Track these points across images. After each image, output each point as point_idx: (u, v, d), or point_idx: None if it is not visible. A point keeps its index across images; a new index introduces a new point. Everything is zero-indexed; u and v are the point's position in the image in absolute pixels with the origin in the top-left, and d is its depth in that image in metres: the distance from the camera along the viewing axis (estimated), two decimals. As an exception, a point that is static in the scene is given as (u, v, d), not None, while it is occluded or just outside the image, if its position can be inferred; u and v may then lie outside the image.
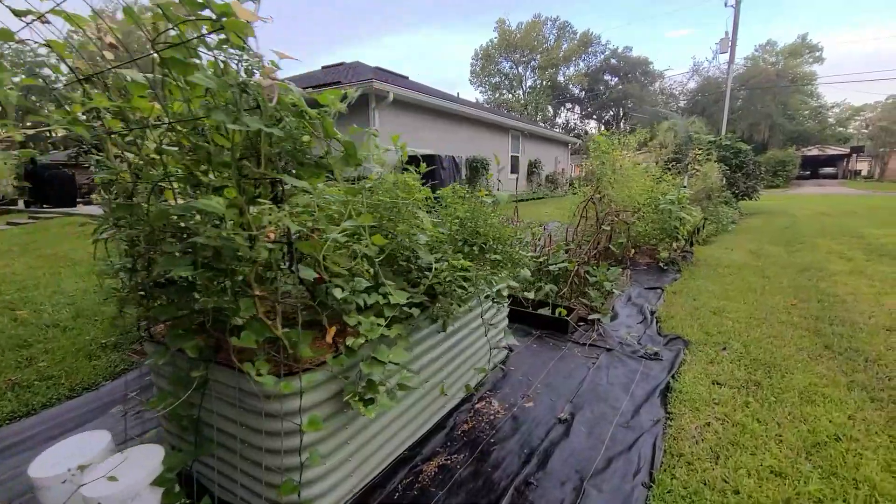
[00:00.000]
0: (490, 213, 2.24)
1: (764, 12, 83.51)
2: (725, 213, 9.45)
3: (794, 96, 43.82)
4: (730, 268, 5.61)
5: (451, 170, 9.94)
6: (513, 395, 2.56)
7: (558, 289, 3.85)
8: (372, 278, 1.66)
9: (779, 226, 9.92)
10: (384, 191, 1.88)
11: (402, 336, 1.67)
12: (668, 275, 5.31)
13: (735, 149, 12.69)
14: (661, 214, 5.91)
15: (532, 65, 56.70)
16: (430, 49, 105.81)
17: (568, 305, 3.70)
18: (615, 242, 4.54)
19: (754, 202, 13.52)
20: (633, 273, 5.31)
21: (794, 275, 5.27)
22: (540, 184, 17.89)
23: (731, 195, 12.09)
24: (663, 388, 2.59)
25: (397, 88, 9.68)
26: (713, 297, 4.38)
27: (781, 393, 2.53)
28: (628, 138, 6.87)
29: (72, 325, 3.59)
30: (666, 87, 54.99)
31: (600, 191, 5.90)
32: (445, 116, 12.55)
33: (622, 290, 4.57)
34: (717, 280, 5.02)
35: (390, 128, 10.33)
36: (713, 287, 4.71)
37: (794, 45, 45.29)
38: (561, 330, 3.43)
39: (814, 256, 6.30)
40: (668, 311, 3.95)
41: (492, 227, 2.18)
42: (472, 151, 13.39)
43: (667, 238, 5.93)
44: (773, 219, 11.43)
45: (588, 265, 4.23)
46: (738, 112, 43.80)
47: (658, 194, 6.13)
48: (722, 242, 7.65)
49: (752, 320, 3.72)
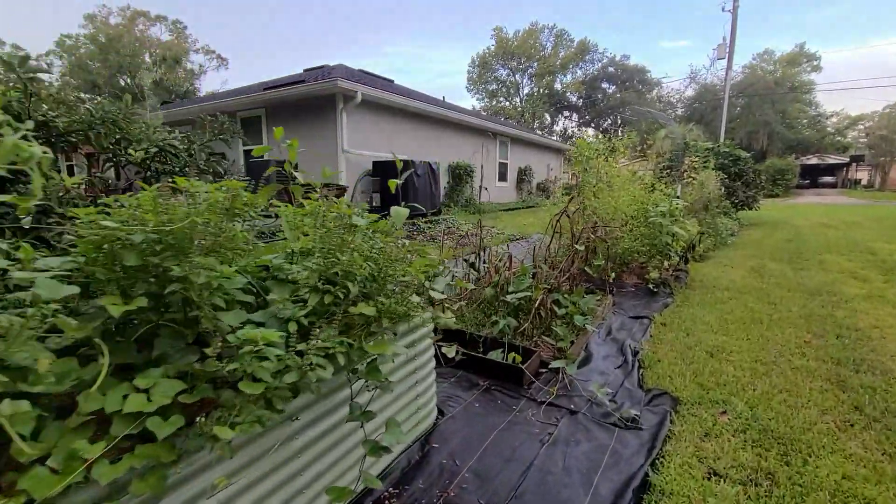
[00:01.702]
0: (369, 239, 1.48)
1: (759, 23, 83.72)
2: (724, 225, 8.75)
3: (792, 105, 43.44)
4: (729, 290, 4.88)
5: (426, 177, 9.21)
6: (426, 495, 1.81)
7: (518, 323, 3.11)
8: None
9: (781, 239, 9.21)
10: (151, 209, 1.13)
11: (154, 474, 0.93)
12: (658, 299, 4.58)
13: (734, 156, 12.03)
14: (651, 228, 5.19)
15: (529, 72, 56.44)
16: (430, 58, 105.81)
17: (528, 346, 2.96)
18: (593, 264, 3.81)
19: (754, 212, 12.84)
20: (617, 297, 4.58)
21: (803, 300, 4.54)
22: (531, 192, 17.17)
23: (730, 205, 11.41)
24: (639, 484, 1.84)
25: (366, 88, 8.99)
26: (710, 330, 3.64)
27: (804, 492, 1.79)
28: (615, 142, 6.19)
29: None
30: (663, 94, 54.69)
31: (582, 201, 5.21)
32: (429, 121, 11.86)
33: (601, 319, 3.84)
34: (714, 307, 4.29)
35: (362, 132, 9.60)
36: (710, 317, 3.98)
37: (791, 53, 44.99)
38: (515, 380, 2.69)
39: (824, 276, 5.57)
40: (654, 351, 3.22)
41: (360, 262, 1.39)
42: (457, 158, 12.69)
43: (657, 255, 5.21)
44: (774, 231, 10.73)
45: (559, 292, 3.50)
46: (736, 120, 43.39)
47: (649, 205, 5.42)
48: (720, 258, 6.93)
49: (759, 365, 2.99)
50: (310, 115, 9.49)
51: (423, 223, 8.45)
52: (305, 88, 8.87)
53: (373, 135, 9.88)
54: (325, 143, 9.20)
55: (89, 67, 39.92)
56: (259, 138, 10.37)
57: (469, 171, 12.44)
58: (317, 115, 9.34)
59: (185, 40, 46.27)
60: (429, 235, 7.44)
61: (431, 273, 1.84)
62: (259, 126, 10.33)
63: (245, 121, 10.58)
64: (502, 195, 15.52)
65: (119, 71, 40.76)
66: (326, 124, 9.27)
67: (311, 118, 9.49)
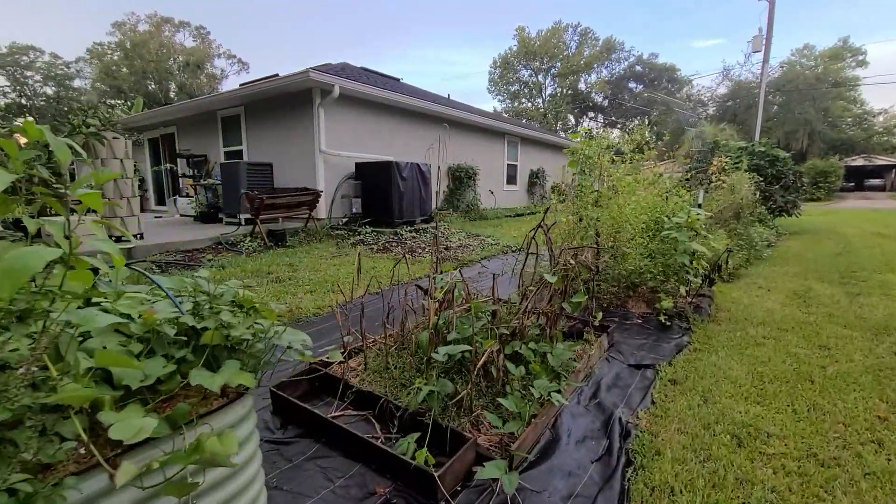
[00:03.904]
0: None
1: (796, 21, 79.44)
2: (760, 235, 7.53)
3: (835, 102, 40.66)
4: (766, 326, 3.80)
5: (414, 180, 8.30)
6: None
7: (455, 390, 2.19)
8: None
9: (827, 252, 7.90)
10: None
11: None
12: (670, 337, 3.56)
13: (771, 156, 10.69)
14: (665, 244, 4.17)
15: (552, 72, 55.09)
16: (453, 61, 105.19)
17: (460, 429, 2.04)
18: (572, 300, 2.82)
19: (794, 219, 11.46)
20: (617, 333, 3.58)
21: (867, 342, 3.44)
22: (544, 195, 16.05)
23: (766, 211, 10.11)
24: None
25: (345, 81, 8.12)
26: (738, 394, 2.62)
27: None
28: (637, 134, 5.17)
29: None
30: (693, 93, 52.35)
31: (577, 211, 4.24)
32: (426, 119, 10.97)
33: (587, 371, 2.86)
34: (745, 353, 3.24)
35: (344, 131, 8.73)
36: (738, 369, 2.94)
37: (834, 48, 42.16)
38: (425, 491, 1.77)
39: (890, 305, 4.41)
40: (655, 433, 2.23)
41: None
42: (461, 160, 11.74)
43: (673, 278, 4.18)
44: (819, 241, 9.37)
45: (521, 339, 2.56)
46: (773, 119, 40.96)
47: (664, 215, 4.39)
48: (754, 277, 5.79)
49: (814, 464, 1.98)
50: (287, 114, 8.75)
51: (407, 232, 7.59)
52: (279, 83, 8.11)
53: (358, 134, 9.00)
54: (302, 144, 8.42)
55: (115, 74, 40.92)
56: (239, 138, 9.72)
57: (471, 174, 11.48)
58: (293, 113, 8.57)
59: (208, 45, 47.08)
60: (408, 248, 6.55)
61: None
62: (239, 126, 9.66)
63: (225, 120, 9.97)
64: (511, 199, 14.47)
65: (144, 76, 41.65)
66: (303, 123, 8.50)
67: (288, 116, 8.74)
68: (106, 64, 41.65)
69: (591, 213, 4.31)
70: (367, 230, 7.55)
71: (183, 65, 43.90)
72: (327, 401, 2.45)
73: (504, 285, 4.43)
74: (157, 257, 5.47)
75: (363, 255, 6.11)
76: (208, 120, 10.33)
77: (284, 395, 2.28)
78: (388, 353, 2.55)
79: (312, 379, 2.55)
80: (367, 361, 2.60)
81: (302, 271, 5.20)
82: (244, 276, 4.90)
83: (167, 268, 5.12)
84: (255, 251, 6.21)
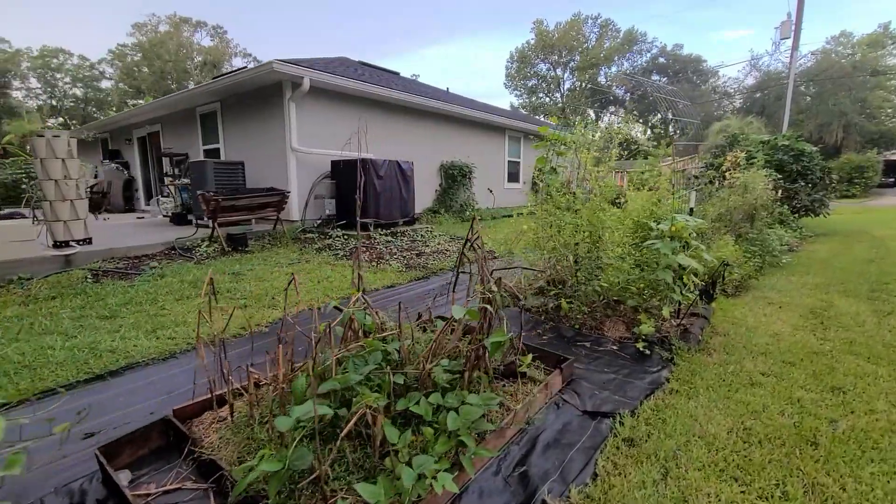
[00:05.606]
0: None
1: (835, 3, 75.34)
2: (779, 239, 6.71)
3: (873, 92, 38.22)
4: (768, 358, 3.13)
5: (392, 179, 7.74)
6: None
7: (312, 465, 1.64)
8: None
9: (857, 258, 7.02)
10: None
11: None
12: (646, 369, 2.93)
13: (796, 150, 9.74)
14: (647, 254, 3.53)
15: (571, 66, 53.75)
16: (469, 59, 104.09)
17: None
18: (490, 340, 2.19)
19: (822, 219, 10.49)
20: (583, 362, 2.98)
21: (895, 381, 2.75)
22: (550, 193, 15.26)
23: (789, 211, 9.21)
24: None
25: (315, 73, 7.53)
26: (713, 465, 2.00)
27: None
28: (615, 130, 4.56)
29: None
30: (719, 85, 50.20)
31: (545, 217, 3.66)
32: (419, 115, 10.38)
33: (524, 422, 2.28)
34: (734, 397, 2.59)
35: (319, 127, 8.21)
36: (720, 424, 2.31)
37: (874, 35, 39.61)
38: None
39: (928, 330, 3.66)
40: (583, 525, 1.65)
41: None
42: (452, 157, 11.07)
43: (655, 296, 3.54)
44: (849, 245, 8.44)
45: (427, 390, 1.99)
46: (805, 112, 38.84)
47: (652, 220, 3.75)
48: (766, 289, 5.05)
49: None
50: (260, 109, 8.30)
51: (382, 236, 7.05)
52: (244, 75, 7.60)
53: (335, 130, 8.35)
54: (273, 141, 7.94)
55: (135, 74, 41.74)
56: (216, 136, 9.34)
57: (466, 172, 10.83)
58: (266, 108, 8.13)
59: (226, 45, 47.60)
60: (376, 254, 6.01)
61: None
62: (216, 123, 9.27)
63: (203, 117, 9.61)
64: (512, 198, 13.74)
65: (163, 76, 42.35)
66: (273, 118, 8.01)
67: (259, 112, 8.31)
68: (127, 65, 42.53)
69: (563, 218, 3.70)
70: (338, 233, 7.05)
71: (201, 64, 44.48)
72: (175, 464, 1.95)
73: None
74: (99, 264, 5.09)
75: (324, 263, 5.60)
76: (188, 117, 10.00)
77: (102, 463, 1.78)
78: (253, 402, 2.03)
79: (167, 432, 2.05)
80: (234, 414, 2.08)
81: (246, 281, 4.73)
82: (181, 287, 4.46)
83: (103, 277, 4.73)
84: (210, 257, 5.78)
